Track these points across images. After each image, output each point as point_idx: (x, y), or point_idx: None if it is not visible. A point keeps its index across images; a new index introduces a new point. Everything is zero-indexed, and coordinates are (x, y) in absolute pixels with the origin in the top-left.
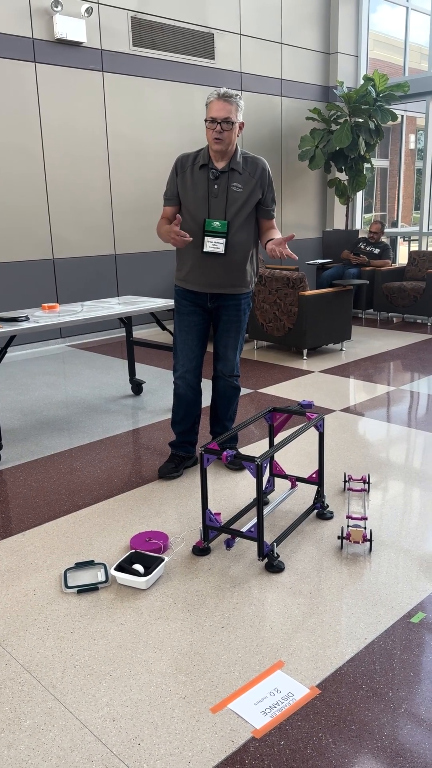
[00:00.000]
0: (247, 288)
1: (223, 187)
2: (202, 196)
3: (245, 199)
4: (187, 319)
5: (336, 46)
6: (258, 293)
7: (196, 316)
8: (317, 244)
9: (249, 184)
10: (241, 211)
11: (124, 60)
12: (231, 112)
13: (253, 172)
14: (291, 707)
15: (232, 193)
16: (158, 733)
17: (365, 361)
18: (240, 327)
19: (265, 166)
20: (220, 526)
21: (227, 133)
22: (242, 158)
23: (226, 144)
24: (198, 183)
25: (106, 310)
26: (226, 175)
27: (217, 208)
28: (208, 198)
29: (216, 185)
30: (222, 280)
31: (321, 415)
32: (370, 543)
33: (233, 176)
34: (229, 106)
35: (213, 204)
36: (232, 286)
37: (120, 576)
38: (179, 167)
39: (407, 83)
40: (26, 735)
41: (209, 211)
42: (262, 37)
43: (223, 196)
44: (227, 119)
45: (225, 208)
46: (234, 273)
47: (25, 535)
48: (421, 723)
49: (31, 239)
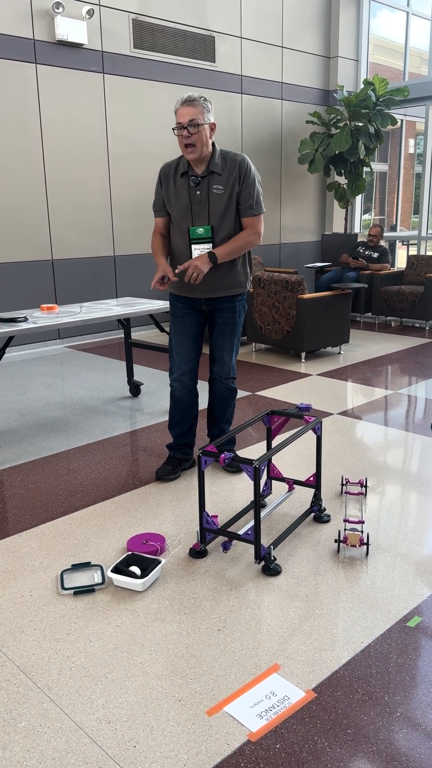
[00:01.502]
0: (242, 288)
1: (205, 193)
2: (185, 204)
3: (227, 200)
4: (182, 322)
5: (336, 50)
6: (257, 296)
7: (191, 318)
8: (316, 247)
9: (229, 182)
10: (226, 212)
11: (125, 62)
12: (196, 114)
13: (231, 169)
14: (287, 710)
15: (214, 197)
16: (154, 736)
17: (363, 364)
18: (235, 329)
19: (242, 161)
20: (217, 528)
21: (195, 136)
22: (221, 158)
23: (199, 149)
24: (180, 191)
25: (104, 311)
26: (206, 180)
27: (201, 214)
28: (191, 205)
29: (198, 191)
30: (214, 285)
31: (319, 419)
32: (366, 547)
33: (213, 179)
34: (193, 108)
35: (196, 210)
36: (226, 289)
37: (116, 578)
38: (163, 177)
39: (407, 88)
40: (21, 736)
41: (192, 218)
42: (263, 40)
43: (206, 202)
44: (192, 121)
45: (208, 213)
46: (226, 276)
47: (22, 536)
48: (416, 727)
49: (30, 240)
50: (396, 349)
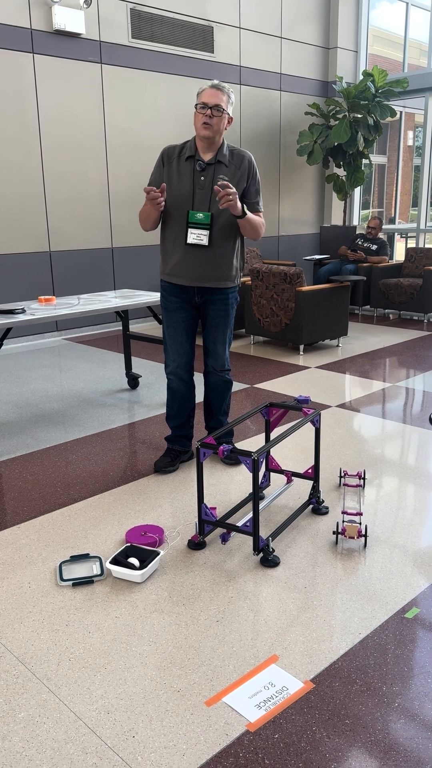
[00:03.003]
0: (233, 282)
1: (209, 179)
2: (187, 188)
3: None
4: (175, 316)
5: (336, 41)
6: (255, 288)
7: (183, 312)
8: (314, 239)
9: (235, 176)
10: None
11: (123, 52)
12: (222, 101)
13: (238, 164)
14: (285, 701)
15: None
16: (152, 726)
17: (361, 357)
18: (228, 322)
19: (250, 159)
20: (215, 520)
21: (216, 119)
22: (228, 151)
23: (214, 131)
24: (183, 174)
25: (102, 303)
26: (212, 167)
27: (202, 200)
28: (194, 190)
29: (202, 177)
30: (207, 273)
31: (317, 411)
32: (364, 538)
33: (219, 169)
34: (221, 94)
35: (198, 196)
36: (218, 280)
37: (115, 569)
38: (165, 158)
39: (406, 79)
40: (21, 727)
41: (193, 202)
42: (262, 31)
43: (209, 189)
44: (217, 106)
45: (210, 201)
46: (220, 266)
47: (20, 528)
48: (414, 718)
49: (27, 231)
50: (394, 342)
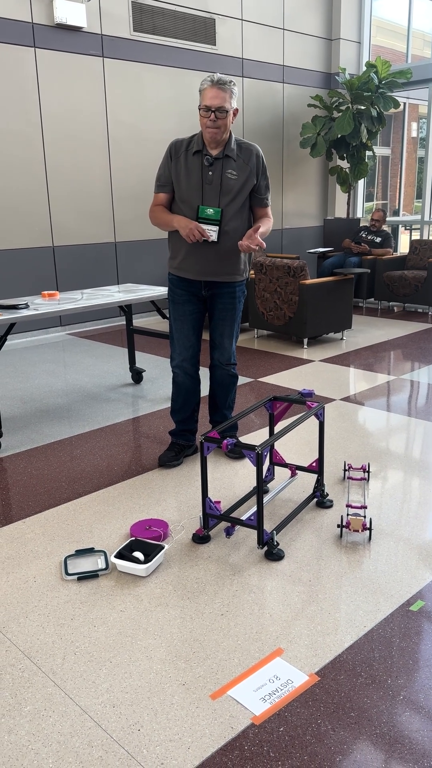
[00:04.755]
0: (241, 276)
1: (218, 174)
2: (195, 183)
3: (240, 187)
4: (182, 309)
5: (338, 32)
6: (259, 282)
7: (190, 305)
8: (318, 232)
9: (244, 171)
10: (236, 199)
11: (125, 45)
12: (225, 100)
13: (247, 159)
14: (290, 694)
15: (227, 181)
16: (158, 719)
17: (366, 350)
18: (235, 315)
19: (259, 153)
20: (220, 514)
21: (221, 121)
22: (236, 145)
23: (221, 132)
24: (192, 169)
25: (106, 298)
26: (220, 162)
27: (211, 196)
28: (202, 185)
29: (210, 172)
30: (216, 268)
31: (321, 404)
32: (369, 532)
33: (228, 163)
34: (223, 93)
35: (207, 191)
36: (227, 274)
37: (120, 563)
38: (173, 152)
39: (410, 70)
40: (26, 720)
41: (203, 197)
42: (264, 22)
43: (217, 183)
44: (221, 108)
45: (219, 196)
46: (228, 261)
47: (26, 523)
48: (419, 710)
49: (30, 226)
50: (398, 335)
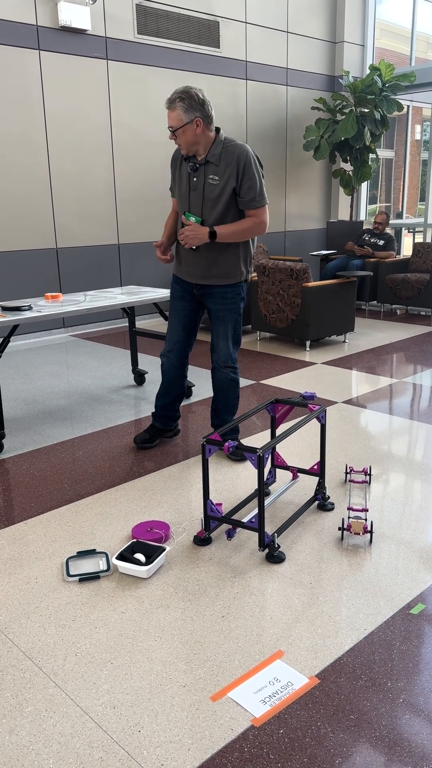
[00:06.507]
0: (234, 280)
1: (201, 181)
2: (184, 190)
3: (220, 191)
4: (176, 304)
5: (342, 35)
6: (261, 284)
7: (183, 301)
8: (321, 235)
9: (224, 174)
10: (217, 204)
11: (129, 48)
12: (175, 119)
13: (229, 161)
14: (290, 696)
15: (209, 186)
16: (158, 721)
17: (368, 353)
18: (228, 317)
19: (241, 154)
20: (221, 516)
21: (181, 138)
22: (221, 148)
23: (186, 148)
24: (183, 176)
25: (109, 300)
26: (203, 168)
27: (196, 202)
28: (189, 191)
29: (195, 178)
30: (204, 272)
31: (323, 407)
32: (370, 534)
33: (209, 168)
34: (171, 112)
35: (193, 197)
36: (215, 278)
37: (121, 565)
38: (173, 161)
39: (413, 73)
40: (27, 721)
41: (189, 204)
42: (268, 25)
43: (201, 189)
44: (172, 127)
45: (202, 202)
46: (216, 266)
47: (27, 524)
48: (419, 713)
49: (34, 228)
50: (401, 338)
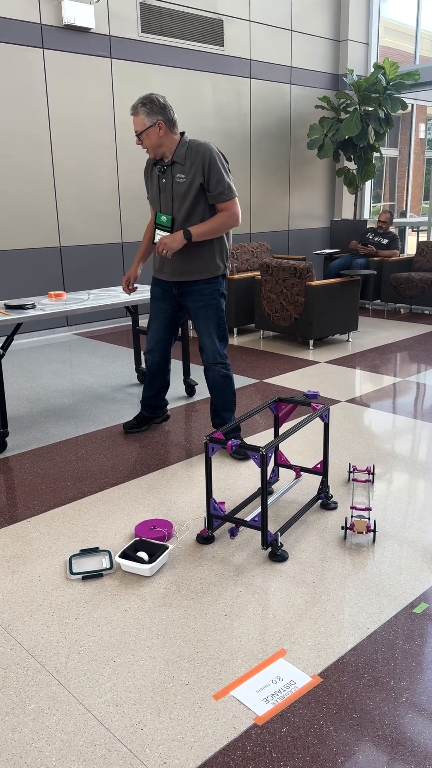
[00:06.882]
0: (210, 274)
1: (170, 181)
2: (156, 192)
3: (187, 187)
4: (156, 305)
5: (346, 33)
6: (265, 283)
7: (163, 302)
8: (325, 233)
9: (190, 172)
10: (185, 201)
11: (133, 46)
12: (137, 125)
13: (194, 159)
14: (293, 695)
15: (176, 186)
16: (161, 719)
17: (371, 352)
18: (208, 313)
19: (205, 152)
20: (224, 514)
21: (146, 141)
22: (186, 148)
23: (152, 151)
24: (154, 179)
25: (112, 298)
26: (170, 169)
27: (166, 202)
28: (160, 193)
29: (164, 180)
30: (182, 268)
31: (326, 406)
32: (373, 534)
33: (176, 168)
34: (136, 118)
35: (163, 198)
36: (192, 273)
37: (124, 563)
38: (145, 170)
39: (418, 71)
40: (30, 718)
41: (160, 205)
42: (272, 23)
43: (170, 189)
44: (137, 131)
45: (172, 201)
46: (191, 262)
47: (31, 522)
48: (422, 712)
49: (37, 227)
50: (405, 337)
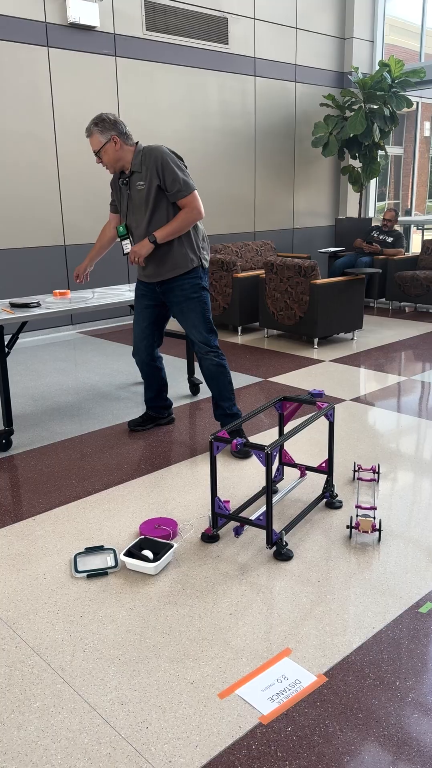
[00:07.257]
0: (186, 268)
1: (134, 191)
2: (125, 205)
3: (147, 192)
4: (139, 302)
5: (351, 31)
6: (269, 281)
7: (146, 300)
8: (330, 232)
9: (147, 177)
10: (147, 204)
11: (138, 45)
12: (93, 144)
13: (148, 164)
14: (298, 694)
15: (137, 193)
16: (166, 717)
17: (376, 350)
18: (193, 307)
19: (157, 155)
20: (229, 513)
21: (105, 157)
22: (141, 155)
23: (111, 167)
24: (123, 193)
25: (117, 297)
26: (131, 179)
27: (132, 211)
28: (127, 204)
29: (128, 191)
30: (157, 270)
31: (331, 405)
32: (378, 533)
33: (135, 177)
34: (91, 139)
35: (129, 208)
36: (167, 272)
37: (129, 561)
38: (111, 184)
39: (423, 69)
40: (36, 716)
41: (127, 215)
42: (277, 21)
43: (134, 198)
44: (95, 151)
45: (135, 209)
46: (163, 262)
47: (36, 520)
48: (427, 712)
49: (42, 226)
50: (410, 335)
